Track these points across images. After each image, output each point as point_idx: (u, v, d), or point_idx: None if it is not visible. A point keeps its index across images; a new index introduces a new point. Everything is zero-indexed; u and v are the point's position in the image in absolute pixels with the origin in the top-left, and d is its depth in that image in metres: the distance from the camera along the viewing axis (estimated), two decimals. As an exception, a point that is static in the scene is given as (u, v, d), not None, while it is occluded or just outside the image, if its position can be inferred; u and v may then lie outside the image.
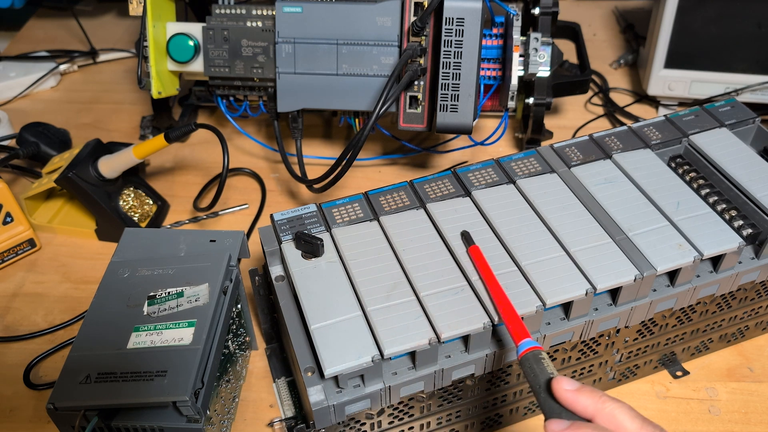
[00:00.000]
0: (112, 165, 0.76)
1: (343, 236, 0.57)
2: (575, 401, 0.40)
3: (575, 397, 0.40)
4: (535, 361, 0.43)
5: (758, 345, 0.67)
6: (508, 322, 0.48)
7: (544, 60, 0.80)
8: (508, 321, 0.48)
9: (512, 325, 0.47)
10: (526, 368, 0.44)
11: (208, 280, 0.56)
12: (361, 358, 0.48)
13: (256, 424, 0.62)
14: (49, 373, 0.66)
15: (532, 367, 0.43)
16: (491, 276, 0.52)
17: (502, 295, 0.50)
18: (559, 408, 0.41)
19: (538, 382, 0.42)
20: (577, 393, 0.40)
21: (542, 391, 0.42)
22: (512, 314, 0.48)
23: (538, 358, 0.44)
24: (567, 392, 0.40)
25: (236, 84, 0.81)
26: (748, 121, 0.68)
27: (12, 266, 0.78)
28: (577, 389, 0.40)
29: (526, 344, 0.45)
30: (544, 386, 0.42)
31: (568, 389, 0.40)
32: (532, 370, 0.43)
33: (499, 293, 0.50)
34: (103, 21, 1.21)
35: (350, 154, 0.68)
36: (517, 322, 0.47)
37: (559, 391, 0.40)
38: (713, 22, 0.87)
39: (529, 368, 0.43)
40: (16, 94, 1.03)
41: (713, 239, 0.56)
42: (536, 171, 0.63)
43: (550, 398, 0.41)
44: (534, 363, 0.43)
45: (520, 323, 0.47)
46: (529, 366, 0.43)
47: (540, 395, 0.42)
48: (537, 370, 0.43)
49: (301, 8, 0.75)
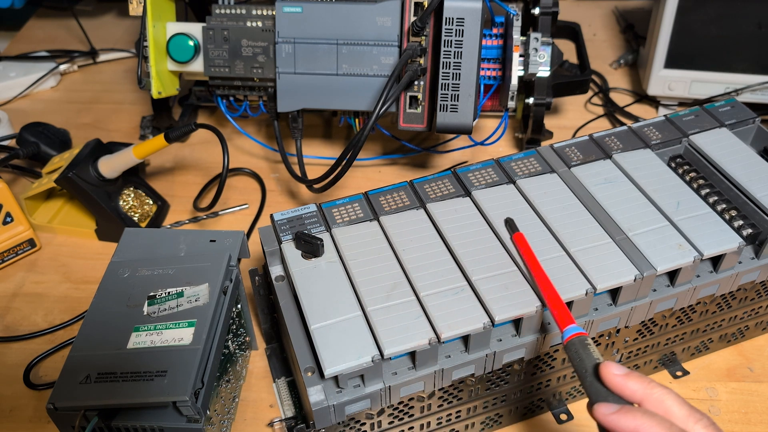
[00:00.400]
0: (112, 165, 0.76)
1: (343, 236, 0.57)
2: (624, 386, 0.41)
3: (624, 381, 0.41)
4: (582, 347, 0.44)
5: (758, 345, 0.67)
6: (554, 308, 0.48)
7: (544, 60, 0.80)
8: (553, 307, 0.49)
9: (558, 311, 0.48)
10: (572, 353, 0.44)
11: (208, 280, 0.56)
12: (361, 358, 0.48)
13: (256, 424, 0.62)
14: (49, 373, 0.66)
15: (578, 352, 0.44)
16: (536, 262, 0.53)
17: (546, 282, 0.51)
18: (606, 392, 0.41)
19: (584, 366, 0.43)
20: (625, 378, 0.41)
21: (589, 375, 0.42)
22: (557, 300, 0.49)
23: (585, 343, 0.45)
24: (616, 377, 0.41)
25: (236, 84, 0.81)
26: (748, 121, 0.68)
27: (12, 266, 0.78)
28: (625, 374, 0.41)
29: (571, 330, 0.46)
30: (591, 370, 0.43)
31: (617, 374, 0.41)
32: (578, 354, 0.44)
33: (544, 279, 0.51)
34: (103, 21, 1.21)
35: (350, 154, 0.68)
36: (562, 308, 0.48)
37: (608, 375, 0.41)
38: (713, 22, 0.87)
39: (575, 353, 0.44)
40: (16, 94, 1.03)
41: (713, 239, 0.56)
42: (536, 171, 0.63)
43: (596, 382, 0.42)
44: (580, 348, 0.44)
45: (565, 309, 0.48)
46: (575, 351, 0.44)
47: (586, 379, 0.43)
48: (583, 355, 0.44)
49: (301, 8, 0.75)
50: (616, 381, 0.41)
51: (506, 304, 0.51)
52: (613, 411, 0.39)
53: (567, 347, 0.45)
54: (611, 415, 0.39)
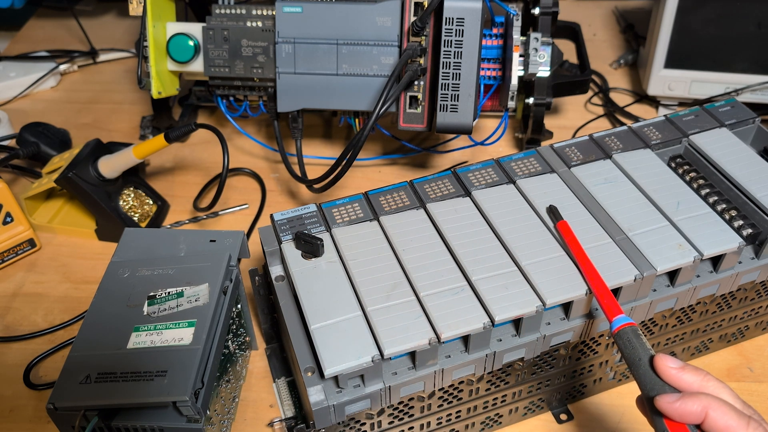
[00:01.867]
0: (112, 165, 0.76)
1: (343, 236, 0.57)
2: (679, 378, 0.42)
3: (680, 374, 0.42)
4: (635, 336, 0.45)
5: (758, 345, 0.67)
6: (602, 298, 0.49)
7: (544, 60, 0.80)
8: (601, 297, 0.49)
9: (606, 301, 0.49)
10: (624, 342, 0.45)
11: (208, 280, 0.56)
12: (361, 358, 0.48)
13: (256, 424, 0.62)
14: (49, 373, 0.66)
15: (631, 342, 0.45)
16: (582, 252, 0.53)
17: (594, 272, 0.51)
18: (661, 383, 0.42)
19: (637, 356, 0.44)
20: (681, 370, 0.42)
21: (642, 366, 0.43)
22: (605, 290, 0.50)
23: (637, 333, 0.45)
24: (672, 369, 0.42)
25: (236, 84, 0.81)
26: (748, 121, 0.68)
27: (12, 266, 0.78)
28: (681, 367, 0.42)
29: (621, 320, 0.46)
30: (645, 361, 0.43)
31: (674, 366, 0.42)
32: (631, 344, 0.45)
33: (591, 269, 0.52)
34: (103, 21, 1.21)
35: (350, 154, 0.68)
36: (610, 298, 0.49)
37: (664, 367, 0.42)
38: (713, 22, 0.87)
39: (628, 342, 0.45)
40: (16, 94, 1.03)
41: (713, 239, 0.56)
42: (536, 171, 0.63)
43: (651, 373, 0.43)
44: (633, 338, 0.45)
45: (613, 299, 0.49)
46: (627, 340, 0.45)
47: (639, 369, 0.43)
48: (636, 345, 0.44)
49: (301, 8, 0.75)
50: (672, 373, 0.42)
51: (506, 304, 0.51)
52: (677, 398, 0.40)
53: (618, 336, 0.46)
54: (676, 403, 0.40)
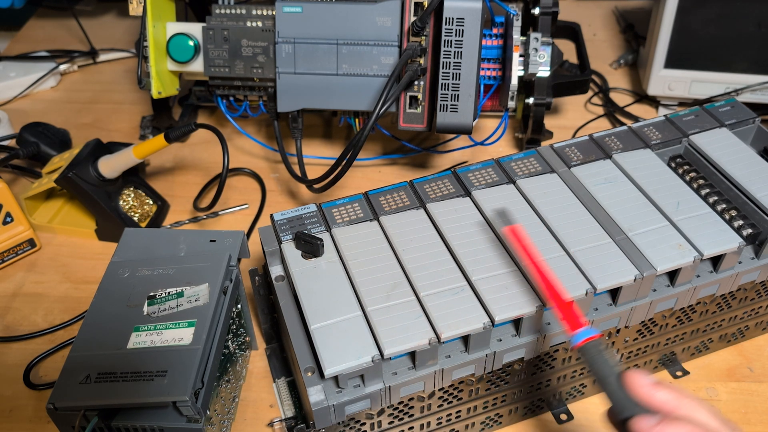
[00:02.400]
0: (112, 165, 0.76)
1: (343, 236, 0.57)
2: (653, 397, 0.40)
3: (653, 393, 0.40)
4: (597, 352, 0.43)
5: (758, 345, 0.67)
6: (561, 309, 0.46)
7: (544, 60, 0.80)
8: (560, 308, 0.46)
9: (566, 312, 0.45)
10: (590, 357, 0.43)
11: (208, 280, 0.56)
12: (361, 358, 0.48)
13: (256, 424, 0.62)
14: (49, 373, 0.66)
15: (595, 358, 0.42)
16: (534, 261, 0.50)
17: (549, 282, 0.48)
18: (632, 402, 0.40)
19: (604, 373, 0.42)
20: (654, 388, 0.40)
21: (612, 383, 0.41)
22: (562, 301, 0.46)
23: (600, 349, 0.43)
24: (644, 387, 0.40)
25: (236, 84, 0.81)
26: (748, 121, 0.68)
27: (12, 266, 0.78)
28: (654, 384, 0.40)
29: (586, 333, 0.43)
30: (614, 378, 0.41)
31: (646, 384, 0.40)
32: (596, 360, 0.42)
33: (546, 279, 0.48)
34: (103, 21, 1.21)
35: (350, 154, 0.68)
36: (570, 309, 0.45)
37: (636, 385, 0.40)
38: (713, 22, 0.87)
39: (592, 358, 0.42)
40: (16, 94, 1.03)
41: (713, 239, 0.56)
42: (536, 171, 0.63)
43: (621, 390, 0.40)
44: (596, 354, 0.43)
45: (572, 310, 0.45)
46: (591, 356, 0.43)
47: (609, 387, 0.41)
48: (601, 361, 0.42)
49: (301, 8, 0.75)
50: (645, 391, 0.40)
51: (506, 304, 0.51)
52: (656, 423, 0.38)
53: (583, 351, 0.43)
54: (655, 428, 0.38)
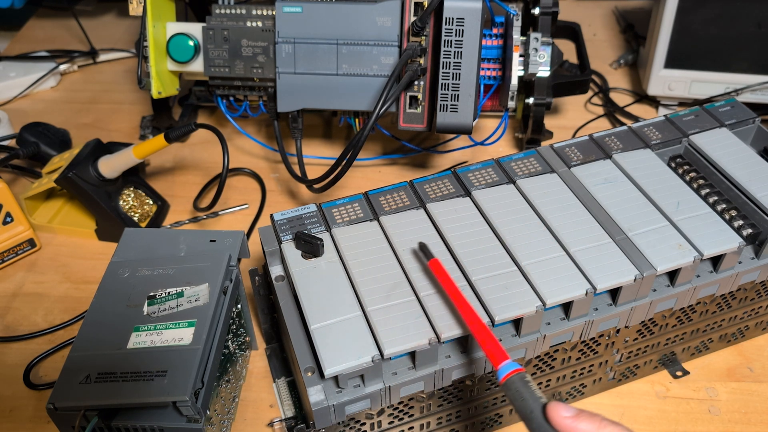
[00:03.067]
0: (112, 165, 0.76)
1: (343, 236, 0.57)
2: (574, 428, 0.39)
3: (574, 423, 0.39)
4: (522, 385, 0.41)
5: (758, 345, 0.67)
6: (484, 343, 0.44)
7: (544, 60, 0.80)
8: (483, 342, 0.45)
9: (490, 346, 0.44)
10: (513, 392, 0.41)
11: (208, 280, 0.56)
12: (361, 358, 0.48)
13: (256, 424, 0.62)
14: (49, 373, 0.66)
15: (519, 392, 0.41)
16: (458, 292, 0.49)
17: (473, 314, 0.47)
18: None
19: (528, 408, 0.40)
20: (575, 419, 0.39)
21: (536, 417, 0.40)
22: (488, 334, 0.45)
23: (525, 381, 0.41)
24: (566, 419, 0.39)
25: (236, 84, 0.81)
26: (748, 121, 0.68)
27: (12, 266, 0.78)
28: (575, 415, 0.39)
29: (508, 367, 0.42)
30: (538, 412, 0.40)
31: (567, 416, 0.39)
32: (520, 394, 0.41)
33: (470, 311, 0.47)
34: (103, 21, 1.21)
35: (350, 154, 0.68)
36: (493, 342, 0.44)
37: (557, 417, 0.39)
38: (713, 22, 0.87)
39: (516, 392, 0.41)
40: (16, 94, 1.03)
41: (713, 239, 0.56)
42: (536, 171, 0.63)
43: (545, 425, 0.39)
44: (521, 387, 0.41)
45: (497, 344, 0.44)
46: (515, 390, 0.41)
47: (533, 421, 0.40)
48: (525, 395, 0.41)
49: (301, 8, 0.75)
50: (566, 423, 0.39)
51: (506, 304, 0.51)
52: None
53: (506, 386, 0.42)
54: None
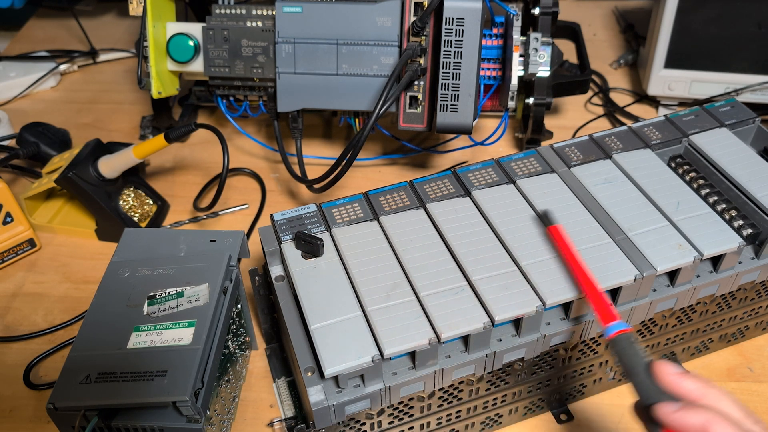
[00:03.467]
0: (112, 165, 0.76)
1: (343, 236, 0.57)
2: (679, 385, 0.41)
3: (679, 380, 0.41)
4: (629, 344, 0.44)
5: (758, 345, 0.67)
6: (596, 304, 0.48)
7: (544, 60, 0.80)
8: (595, 302, 0.48)
9: (600, 306, 0.48)
10: (619, 348, 0.45)
11: (208, 280, 0.56)
12: (361, 358, 0.48)
13: (256, 424, 0.62)
14: (49, 373, 0.66)
15: (625, 349, 0.44)
16: (573, 257, 0.52)
17: (586, 276, 0.50)
18: (659, 391, 0.41)
19: (633, 364, 0.43)
20: (681, 377, 0.41)
21: (639, 373, 0.43)
22: (598, 295, 0.49)
23: (631, 341, 0.45)
24: (671, 375, 0.41)
25: (236, 84, 0.81)
26: (748, 121, 0.68)
27: (12, 266, 0.78)
28: (681, 373, 0.41)
29: (616, 326, 0.46)
30: (642, 369, 0.43)
31: (673, 373, 0.41)
32: (626, 352, 0.44)
33: (584, 274, 0.50)
34: (103, 21, 1.21)
35: (350, 154, 0.68)
36: (604, 303, 0.48)
37: (664, 374, 0.41)
38: (713, 22, 0.87)
39: (623, 350, 0.44)
40: (16, 94, 1.03)
41: (713, 239, 0.56)
42: (536, 171, 0.63)
43: (648, 380, 0.42)
44: (627, 345, 0.44)
45: (607, 304, 0.48)
46: (622, 348, 0.44)
47: (637, 377, 0.43)
48: (631, 353, 0.44)
49: (301, 8, 0.75)
50: (671, 380, 0.41)
51: (506, 304, 0.51)
52: (677, 408, 0.39)
53: (614, 343, 0.45)
54: (676, 413, 0.39)
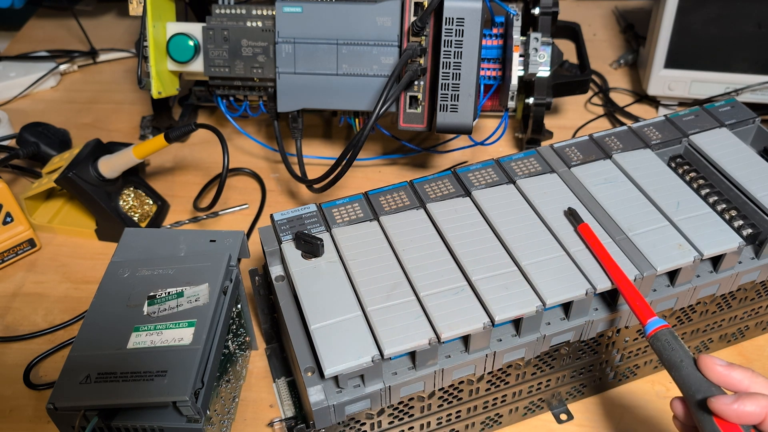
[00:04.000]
0: (112, 165, 0.76)
1: (343, 236, 0.57)
2: (728, 377, 0.42)
3: (728, 372, 0.42)
4: (674, 338, 0.45)
5: (758, 345, 0.67)
6: (633, 301, 0.49)
7: (544, 60, 0.80)
8: (632, 300, 0.49)
9: (638, 304, 0.49)
10: (662, 344, 0.45)
11: (208, 280, 0.56)
12: (361, 358, 0.48)
13: (256, 424, 0.62)
14: (49, 373, 0.66)
15: (670, 343, 0.45)
16: (608, 255, 0.53)
17: (622, 274, 0.51)
18: (707, 384, 0.42)
19: (678, 357, 0.44)
20: (729, 369, 0.42)
21: (685, 367, 0.43)
22: (636, 293, 0.50)
23: (674, 335, 0.45)
24: (720, 368, 0.42)
25: (236, 84, 0.81)
26: (748, 121, 0.68)
27: (12, 266, 0.78)
28: (728, 365, 0.42)
29: (656, 322, 0.46)
30: (687, 362, 0.43)
31: (721, 365, 0.42)
32: (670, 346, 0.45)
33: (619, 272, 0.51)
34: (103, 21, 1.21)
35: (350, 154, 0.68)
36: (641, 301, 0.49)
37: (712, 367, 0.42)
38: (713, 22, 0.87)
39: (667, 344, 0.45)
40: (16, 94, 1.03)
41: (713, 239, 0.56)
42: (536, 171, 0.63)
43: (696, 373, 0.43)
44: (671, 339, 0.45)
45: (644, 302, 0.49)
46: (666, 342, 0.45)
47: (683, 370, 0.43)
48: (676, 345, 0.45)
49: (301, 8, 0.75)
50: (720, 371, 0.42)
51: (506, 304, 0.51)
52: (733, 399, 0.40)
53: (656, 338, 0.46)
54: (734, 404, 0.39)
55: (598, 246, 0.54)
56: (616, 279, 0.51)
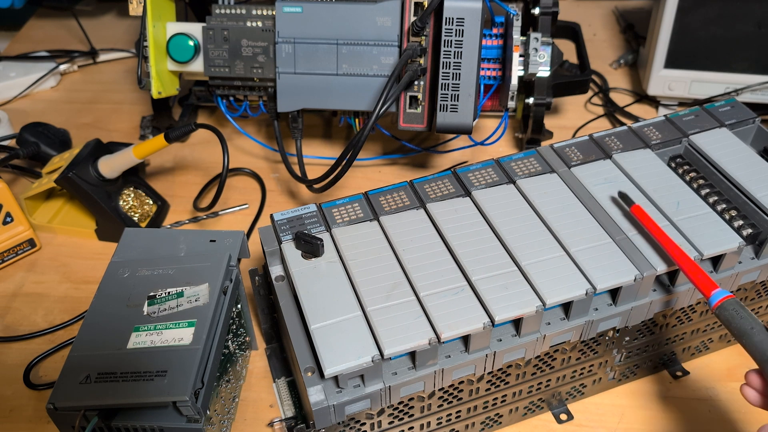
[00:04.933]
0: (112, 165, 0.76)
1: (343, 236, 0.57)
2: None
3: None
4: (740, 307, 0.46)
5: (758, 345, 0.67)
6: (694, 275, 0.50)
7: (544, 60, 0.80)
8: (693, 274, 0.50)
9: (699, 277, 0.49)
10: (731, 313, 0.46)
11: (208, 280, 0.56)
12: (361, 358, 0.48)
13: (256, 424, 0.62)
14: (49, 373, 0.66)
15: (738, 312, 0.45)
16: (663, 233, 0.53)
17: (679, 250, 0.52)
18: None
19: (747, 324, 0.45)
20: None
21: (758, 332, 0.44)
22: (695, 267, 0.50)
23: (740, 304, 0.46)
24: None
25: (236, 84, 0.81)
26: (748, 121, 0.68)
27: (12, 266, 0.78)
28: None
29: (720, 294, 0.47)
30: (760, 327, 0.44)
31: None
32: (738, 314, 0.45)
33: (677, 249, 0.52)
34: (103, 21, 1.21)
35: (350, 154, 0.68)
36: (703, 275, 0.49)
37: None
38: (713, 22, 0.87)
39: (735, 313, 0.45)
40: (16, 94, 1.03)
41: (713, 239, 0.56)
42: (536, 171, 0.63)
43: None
44: (738, 308, 0.46)
45: (706, 276, 0.49)
46: (734, 311, 0.46)
47: (755, 337, 0.44)
48: (744, 314, 0.45)
49: (301, 8, 0.75)
50: None
51: (506, 304, 0.51)
52: None
53: (722, 308, 0.46)
54: None
55: (653, 225, 0.54)
56: (676, 256, 0.51)
